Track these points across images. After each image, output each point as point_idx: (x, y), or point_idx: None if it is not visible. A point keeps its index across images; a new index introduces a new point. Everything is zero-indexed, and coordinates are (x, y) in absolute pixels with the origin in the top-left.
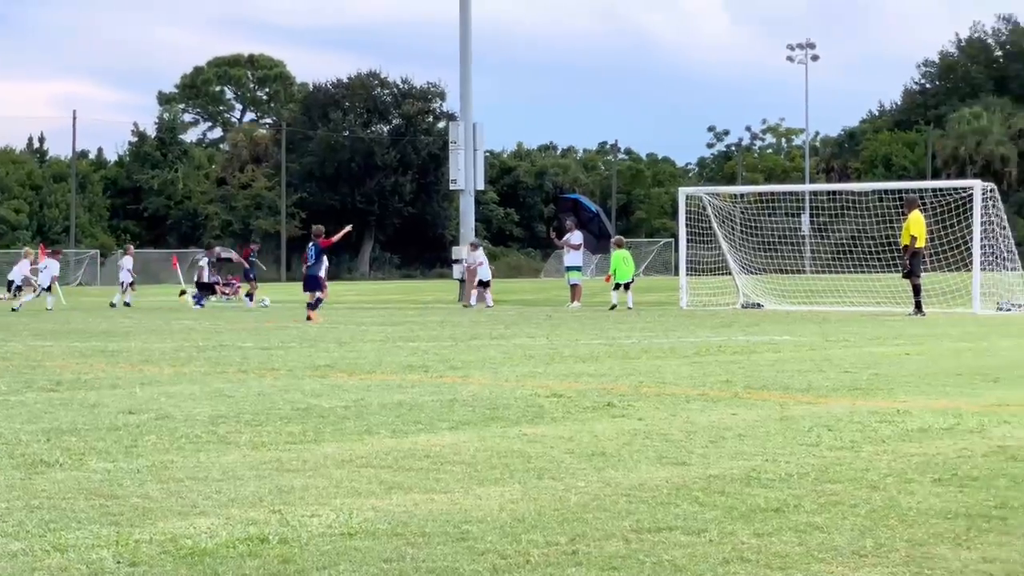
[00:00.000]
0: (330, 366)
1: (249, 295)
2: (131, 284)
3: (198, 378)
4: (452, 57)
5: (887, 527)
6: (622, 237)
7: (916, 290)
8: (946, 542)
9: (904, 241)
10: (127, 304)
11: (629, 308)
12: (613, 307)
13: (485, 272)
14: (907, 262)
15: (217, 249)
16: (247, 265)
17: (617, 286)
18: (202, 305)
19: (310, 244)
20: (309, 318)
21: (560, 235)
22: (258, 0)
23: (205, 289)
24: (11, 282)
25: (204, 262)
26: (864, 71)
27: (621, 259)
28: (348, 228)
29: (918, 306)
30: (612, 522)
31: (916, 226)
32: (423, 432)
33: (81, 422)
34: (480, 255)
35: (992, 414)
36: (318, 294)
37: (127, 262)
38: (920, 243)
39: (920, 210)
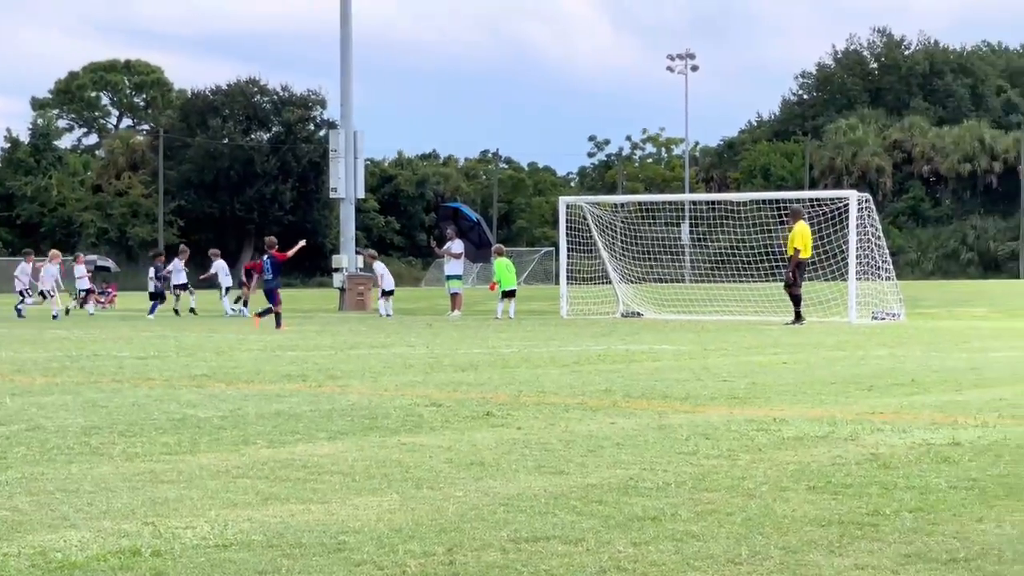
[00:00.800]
0: (207, 376)
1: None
2: (49, 293)
3: (71, 388)
4: (332, 64)
5: (762, 535)
6: (502, 245)
7: (796, 300)
8: (820, 549)
9: (789, 252)
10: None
11: (510, 318)
12: (497, 317)
13: (389, 282)
14: (791, 273)
15: (92, 260)
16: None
17: (504, 294)
18: (23, 316)
19: (265, 257)
20: (278, 326)
21: (441, 244)
22: (136, 5)
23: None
24: (41, 291)
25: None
26: (743, 82)
27: (504, 267)
28: (302, 243)
29: (798, 316)
30: (490, 532)
31: (801, 237)
32: (301, 442)
33: None
34: (381, 266)
35: (866, 422)
36: (271, 306)
37: (54, 270)
38: (805, 254)
39: (805, 221)
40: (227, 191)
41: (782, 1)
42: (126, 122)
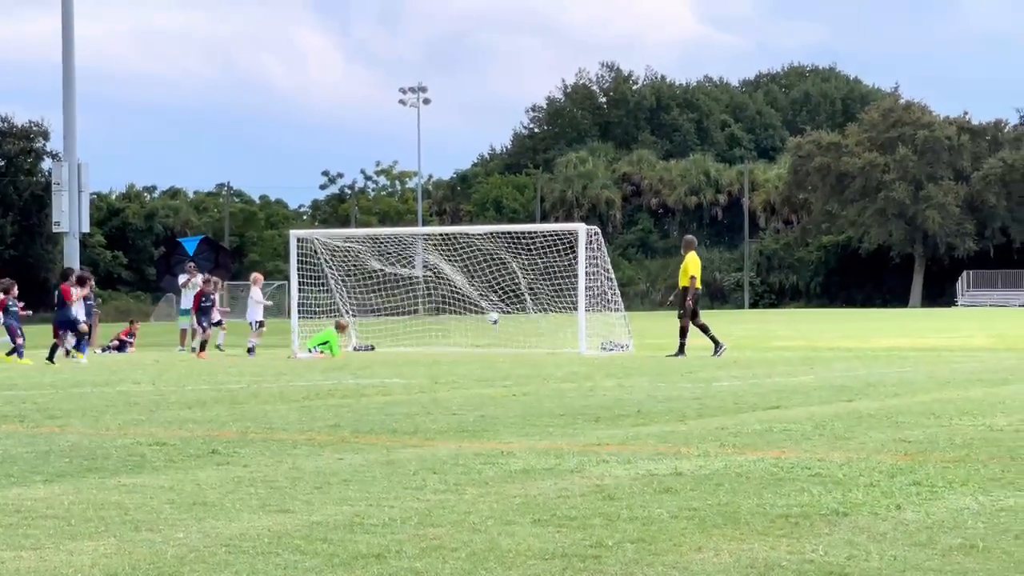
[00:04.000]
0: None
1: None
2: None
3: None
4: (56, 95)
5: (486, 570)
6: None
7: (683, 332)
8: None
9: (683, 282)
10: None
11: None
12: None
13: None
14: (689, 304)
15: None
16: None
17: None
18: None
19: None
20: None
21: (160, 279)
22: None
23: None
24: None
25: None
26: (475, 115)
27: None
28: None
29: (681, 348)
30: (210, 574)
31: (694, 267)
32: (15, 485)
33: None
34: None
35: (592, 453)
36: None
37: None
38: (697, 284)
39: (695, 250)
40: None
41: (513, 35)
42: None
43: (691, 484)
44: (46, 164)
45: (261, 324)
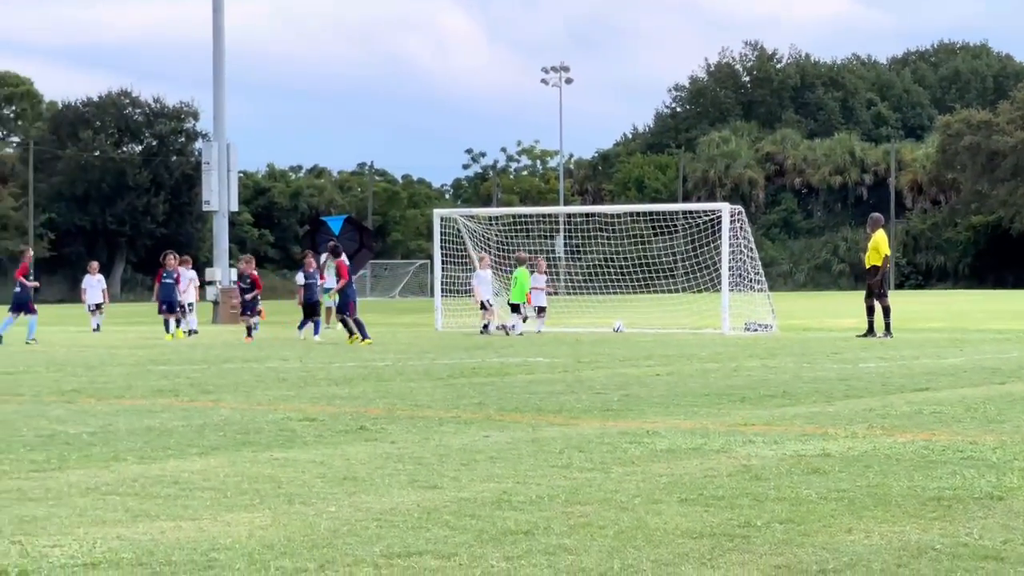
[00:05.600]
0: (77, 391)
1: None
2: None
3: None
4: (206, 77)
5: (634, 548)
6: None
7: (886, 311)
8: (691, 561)
9: (872, 261)
10: None
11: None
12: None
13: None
14: (878, 281)
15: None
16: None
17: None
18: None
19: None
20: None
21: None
22: (4, 15)
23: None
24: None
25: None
26: (617, 95)
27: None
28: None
29: (888, 327)
30: (362, 547)
31: (883, 245)
32: (172, 458)
33: None
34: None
35: (738, 433)
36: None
37: None
38: (877, 261)
39: (884, 229)
40: (98, 204)
41: (656, 15)
42: None
43: (840, 465)
44: (196, 144)
45: (542, 310)
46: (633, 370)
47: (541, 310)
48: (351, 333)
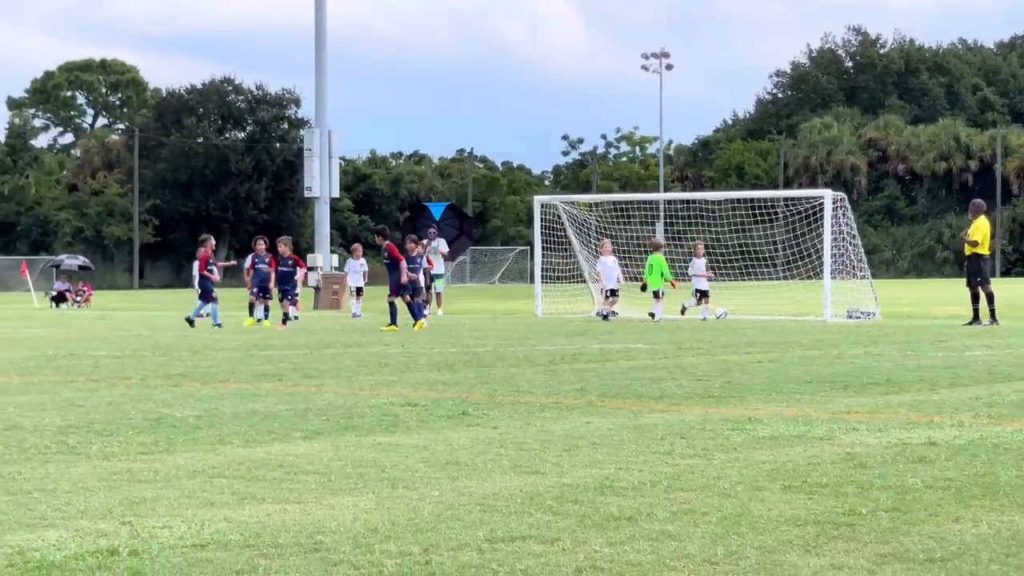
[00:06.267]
0: (183, 375)
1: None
2: None
3: (48, 387)
4: (307, 64)
5: (738, 534)
6: (660, 239)
7: (990, 298)
8: (796, 549)
9: (981, 250)
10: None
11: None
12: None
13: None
14: (980, 267)
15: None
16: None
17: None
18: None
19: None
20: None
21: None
22: (111, 4)
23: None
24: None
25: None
26: (718, 81)
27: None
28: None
29: (992, 315)
30: (466, 532)
31: (981, 231)
32: (277, 441)
33: None
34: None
35: (841, 421)
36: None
37: None
38: (983, 249)
39: (986, 215)
40: (202, 190)
41: (757, 0)
42: (101, 121)
43: (946, 454)
44: (296, 131)
45: (704, 294)
46: (735, 357)
47: (703, 295)
48: (416, 317)
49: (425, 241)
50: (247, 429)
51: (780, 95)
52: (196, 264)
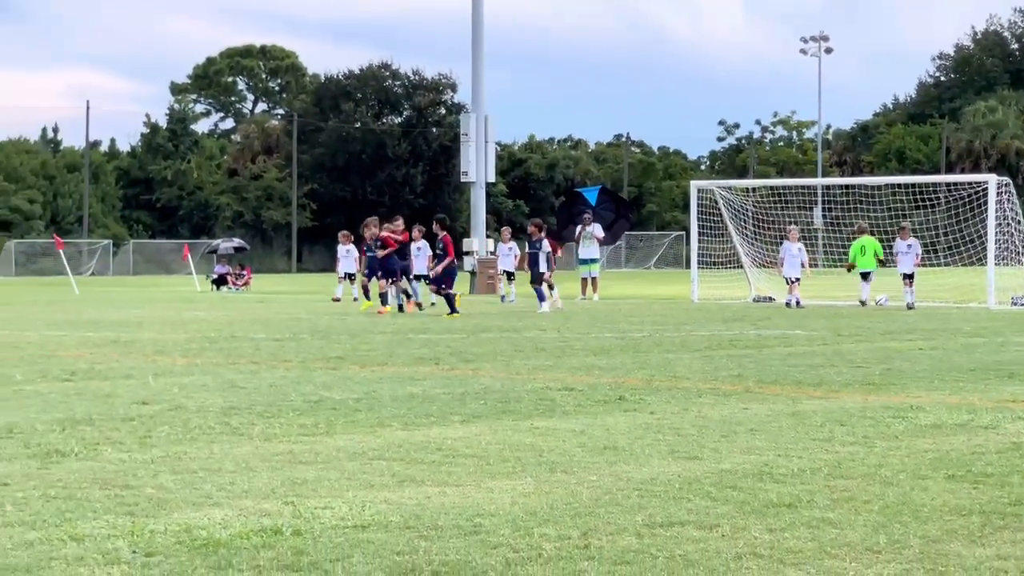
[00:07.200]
0: (342, 358)
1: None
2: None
3: (210, 369)
4: (463, 49)
5: (901, 523)
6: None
7: None
8: (960, 539)
9: None
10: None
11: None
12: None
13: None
14: None
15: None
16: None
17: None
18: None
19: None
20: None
21: (562, 229)
22: None
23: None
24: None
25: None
26: (878, 64)
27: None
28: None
29: None
30: (624, 516)
31: None
32: (435, 425)
33: (95, 412)
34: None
35: (1006, 410)
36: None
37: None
38: None
39: None
40: (359, 174)
41: None
42: (261, 106)
43: None
44: (453, 116)
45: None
46: (895, 344)
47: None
48: (452, 308)
49: (579, 228)
50: (406, 412)
51: (943, 78)
52: (375, 245)
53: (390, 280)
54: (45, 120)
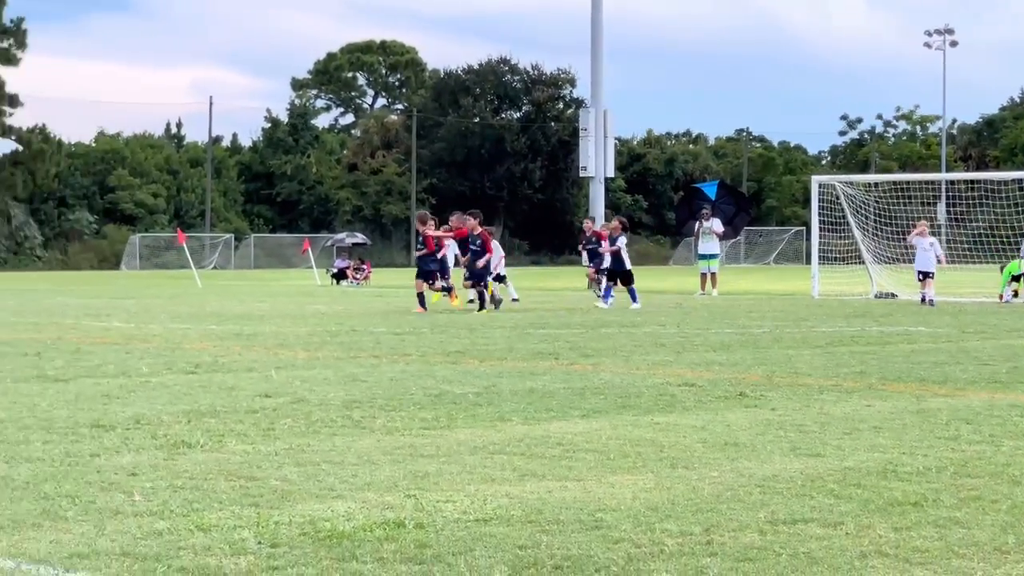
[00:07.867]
0: (462, 352)
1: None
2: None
3: (332, 363)
4: (582, 44)
5: None
6: None
7: None
8: None
9: None
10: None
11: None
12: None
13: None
14: None
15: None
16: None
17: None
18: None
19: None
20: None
21: (682, 225)
22: None
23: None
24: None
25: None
26: (1005, 57)
27: None
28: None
29: None
30: (746, 513)
31: None
32: (555, 419)
33: (220, 404)
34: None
35: None
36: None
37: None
38: None
39: None
40: (478, 169)
41: None
42: (381, 101)
43: None
44: (571, 111)
45: (927, 275)
46: (1021, 342)
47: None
48: (482, 304)
49: (698, 223)
50: (526, 406)
51: None
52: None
53: (431, 282)
54: (169, 115)
